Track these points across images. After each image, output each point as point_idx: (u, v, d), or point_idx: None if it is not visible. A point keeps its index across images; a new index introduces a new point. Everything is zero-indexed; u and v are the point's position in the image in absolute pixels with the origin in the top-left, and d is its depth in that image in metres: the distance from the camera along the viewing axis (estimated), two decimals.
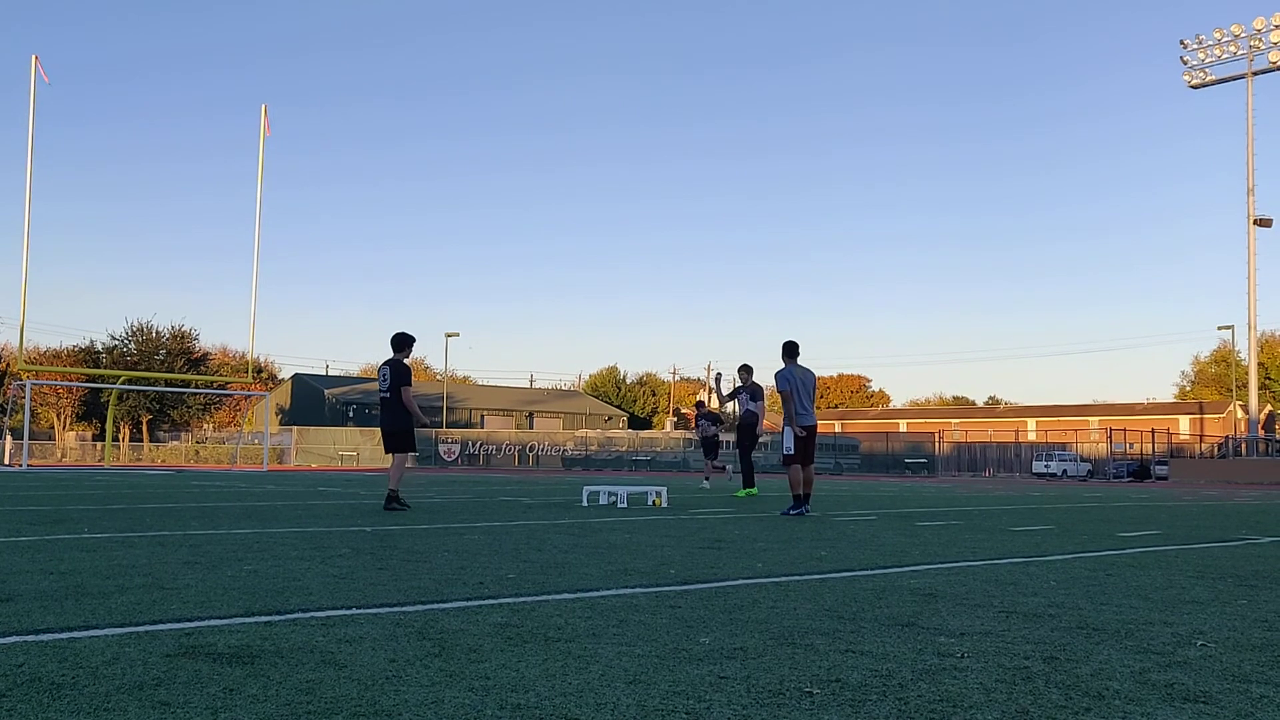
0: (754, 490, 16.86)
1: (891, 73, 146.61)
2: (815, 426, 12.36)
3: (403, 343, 12.37)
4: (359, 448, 63.05)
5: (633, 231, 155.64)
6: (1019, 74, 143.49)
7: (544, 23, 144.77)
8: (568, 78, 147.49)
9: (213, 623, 3.94)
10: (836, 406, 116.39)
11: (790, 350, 12.35)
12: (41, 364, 70.01)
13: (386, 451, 12.34)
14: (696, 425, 22.30)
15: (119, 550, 6.62)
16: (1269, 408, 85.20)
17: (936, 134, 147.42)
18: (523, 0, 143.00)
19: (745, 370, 17.27)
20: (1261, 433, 63.46)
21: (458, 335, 73.02)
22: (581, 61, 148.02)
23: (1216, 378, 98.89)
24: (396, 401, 12.18)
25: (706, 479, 22.18)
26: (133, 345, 73.56)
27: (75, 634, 3.66)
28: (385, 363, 12.39)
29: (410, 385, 12.22)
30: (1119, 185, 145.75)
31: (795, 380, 12.13)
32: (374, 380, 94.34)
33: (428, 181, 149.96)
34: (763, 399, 17.60)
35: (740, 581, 5.50)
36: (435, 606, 4.43)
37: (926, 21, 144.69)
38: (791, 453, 12.09)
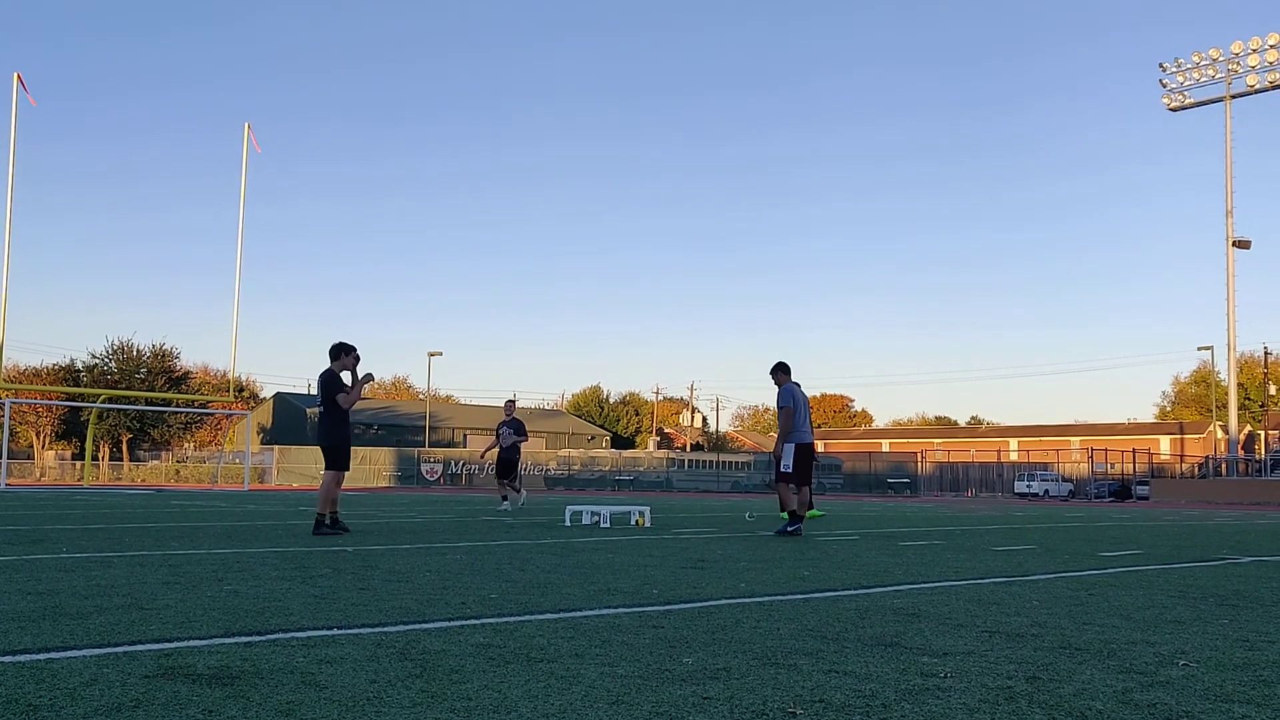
0: (818, 512, 15.87)
1: (874, 92, 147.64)
2: (812, 445, 12.33)
3: (336, 352, 11.36)
4: None
5: (615, 251, 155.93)
6: (999, 94, 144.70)
7: (527, 44, 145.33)
8: (549, 98, 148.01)
9: (192, 643, 3.91)
10: (819, 426, 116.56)
11: (785, 369, 12.29)
12: (21, 382, 69.53)
13: (329, 468, 11.40)
14: (498, 434, 18.26)
15: (98, 570, 6.57)
16: (1249, 428, 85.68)
17: (918, 153, 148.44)
18: (505, 23, 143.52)
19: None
20: (1241, 453, 63.80)
21: (440, 354, 72.85)
22: (563, 82, 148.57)
23: (1196, 398, 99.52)
24: (326, 415, 11.28)
25: (504, 498, 18.57)
26: (113, 364, 73.19)
27: (53, 655, 3.63)
28: (320, 375, 11.46)
29: (343, 389, 11.25)
30: (1099, 206, 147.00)
31: (800, 397, 12.12)
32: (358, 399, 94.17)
33: (410, 200, 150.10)
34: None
35: (723, 601, 5.49)
36: (417, 627, 4.40)
37: (908, 42, 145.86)
38: (790, 471, 11.99)
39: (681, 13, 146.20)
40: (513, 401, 19.27)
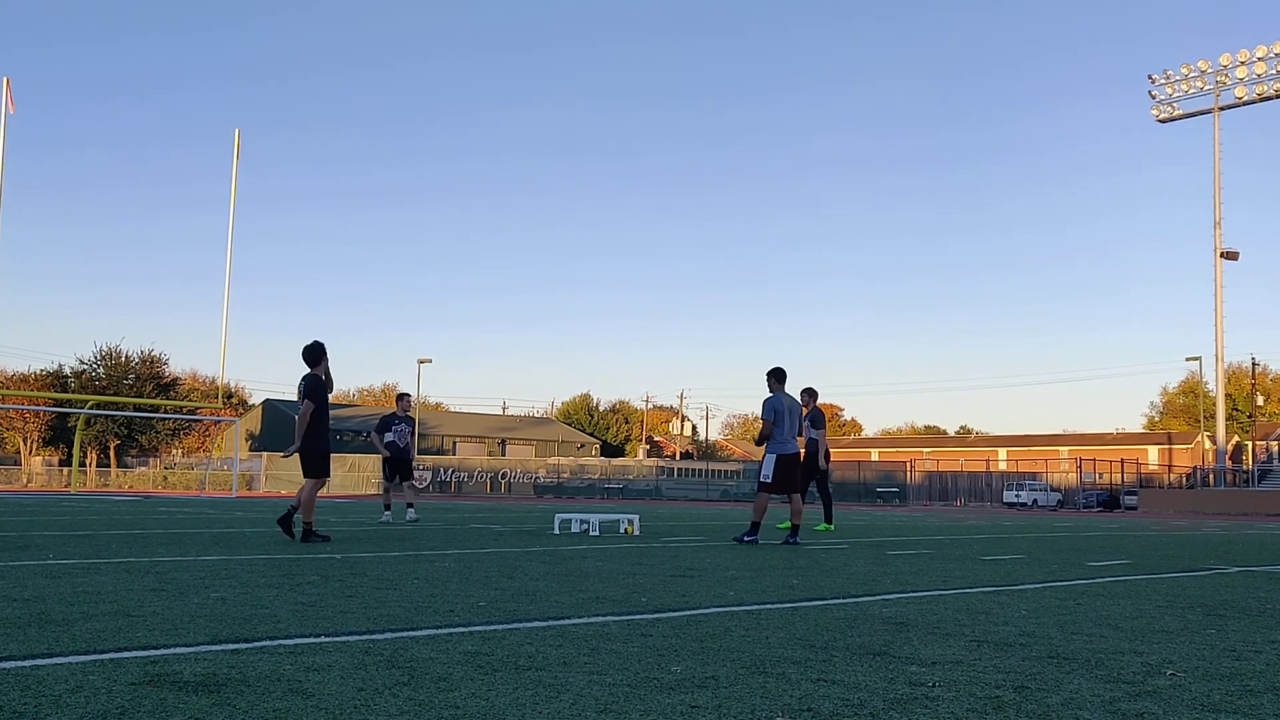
0: (826, 526, 15.68)
1: (862, 102, 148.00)
2: (798, 455, 12.21)
3: (317, 355, 11.07)
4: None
5: (604, 259, 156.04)
6: (988, 104, 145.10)
7: (517, 51, 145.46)
8: (538, 107, 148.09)
9: (179, 651, 3.89)
10: None
11: (778, 376, 12.06)
12: (8, 388, 69.26)
13: (306, 476, 11.16)
14: (393, 431, 16.38)
15: (84, 577, 6.54)
16: (1236, 438, 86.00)
17: (907, 163, 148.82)
18: (496, 30, 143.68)
19: (808, 394, 15.37)
20: (1229, 463, 64.02)
21: (430, 361, 72.71)
22: (551, 91, 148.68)
23: (1185, 408, 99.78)
24: (313, 420, 10.99)
25: (410, 506, 16.65)
26: (101, 370, 72.99)
27: (38, 662, 3.61)
28: (301, 379, 11.13)
29: (317, 402, 10.95)
30: (1088, 216, 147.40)
31: (783, 408, 11.95)
32: (346, 406, 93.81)
33: (400, 207, 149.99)
34: (824, 426, 15.73)
35: (712, 610, 5.49)
36: (405, 634, 4.39)
37: (895, 52, 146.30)
38: (769, 481, 11.91)
39: (669, 22, 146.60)
40: (409, 395, 17.57)
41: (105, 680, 3.31)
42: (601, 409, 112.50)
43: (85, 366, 73.69)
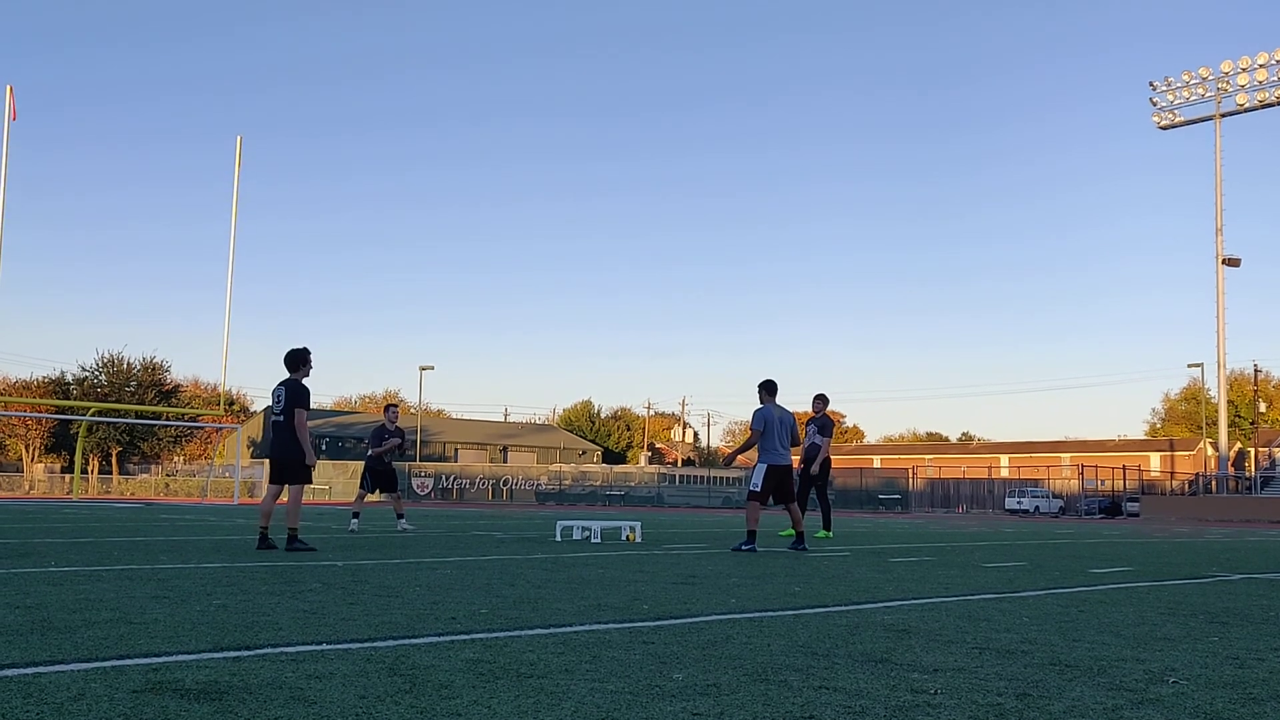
0: (829, 533, 15.75)
1: (864, 107, 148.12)
2: (791, 466, 12.27)
3: (299, 360, 10.87)
4: (331, 481, 62.68)
5: (606, 266, 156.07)
6: (990, 110, 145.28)
7: (518, 59, 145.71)
8: (539, 114, 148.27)
9: (180, 658, 3.89)
10: None
11: (769, 388, 12.25)
12: (10, 395, 69.30)
13: (274, 482, 10.87)
14: (382, 440, 16.16)
15: (86, 584, 6.54)
16: (1239, 445, 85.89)
17: (910, 169, 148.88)
18: (497, 39, 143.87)
19: (821, 400, 15.60)
20: (1231, 470, 63.96)
21: (432, 368, 72.74)
22: (554, 99, 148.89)
23: (1187, 415, 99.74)
24: (287, 426, 10.68)
25: (401, 517, 16.25)
26: (103, 377, 73.01)
27: (40, 669, 3.61)
28: (280, 383, 10.84)
29: (308, 409, 10.76)
30: (1091, 222, 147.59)
31: (773, 419, 12.05)
32: (348, 413, 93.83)
33: (403, 213, 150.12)
34: (830, 434, 15.59)
35: (714, 617, 5.48)
36: (406, 642, 4.39)
37: (896, 57, 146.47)
38: (758, 490, 11.99)
39: (669, 32, 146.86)
40: (395, 406, 17.17)
41: (107, 688, 3.31)
42: (603, 416, 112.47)
43: (87, 373, 73.72)
